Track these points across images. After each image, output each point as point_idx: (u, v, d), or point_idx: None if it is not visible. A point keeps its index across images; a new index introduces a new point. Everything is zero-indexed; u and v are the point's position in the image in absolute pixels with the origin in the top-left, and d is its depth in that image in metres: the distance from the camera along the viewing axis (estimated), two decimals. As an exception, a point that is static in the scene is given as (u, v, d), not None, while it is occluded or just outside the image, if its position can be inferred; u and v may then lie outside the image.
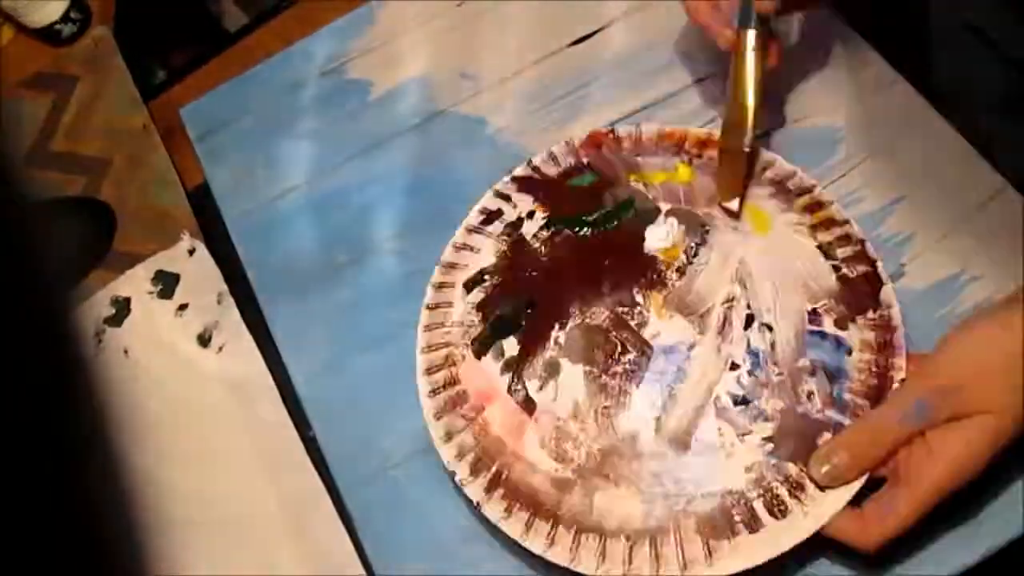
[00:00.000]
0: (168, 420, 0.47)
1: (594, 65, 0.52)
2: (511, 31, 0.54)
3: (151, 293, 0.51)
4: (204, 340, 0.49)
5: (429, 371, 0.43)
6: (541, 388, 0.41)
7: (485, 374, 0.42)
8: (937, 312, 0.42)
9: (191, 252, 0.51)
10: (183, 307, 0.50)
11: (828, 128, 0.47)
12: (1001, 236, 0.43)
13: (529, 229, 0.46)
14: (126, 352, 0.49)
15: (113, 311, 0.51)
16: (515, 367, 0.42)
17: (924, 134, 0.46)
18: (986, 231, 0.43)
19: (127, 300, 0.51)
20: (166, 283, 0.51)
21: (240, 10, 0.66)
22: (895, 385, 0.38)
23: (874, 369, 0.39)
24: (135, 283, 0.51)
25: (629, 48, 0.52)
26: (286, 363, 0.48)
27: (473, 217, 0.46)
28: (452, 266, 0.45)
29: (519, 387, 0.42)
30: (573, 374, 0.41)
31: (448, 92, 0.53)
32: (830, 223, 0.43)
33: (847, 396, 0.39)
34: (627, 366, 0.41)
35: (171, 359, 0.49)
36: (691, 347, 0.41)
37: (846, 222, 0.42)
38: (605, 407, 0.40)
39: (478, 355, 0.43)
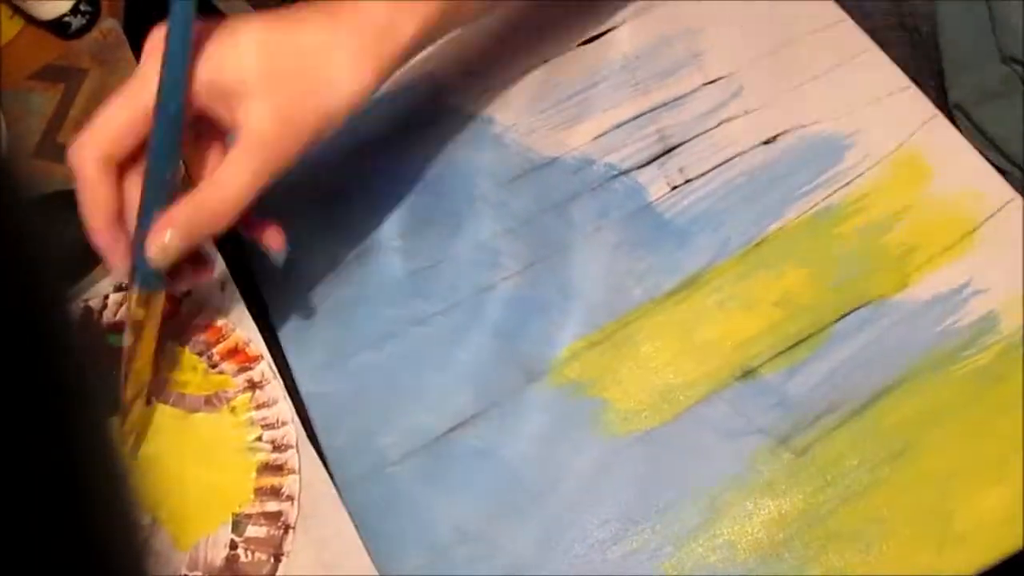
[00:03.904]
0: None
1: (603, 66, 0.52)
2: (518, 29, 0.54)
3: None
4: None
5: None
6: None
7: None
8: (939, 326, 0.42)
9: None
10: (187, 294, 0.50)
11: (836, 134, 0.47)
12: (1008, 248, 0.43)
13: None
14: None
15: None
16: None
17: (934, 143, 0.46)
18: (993, 243, 0.43)
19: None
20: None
21: (248, 5, 0.66)
22: None
23: None
24: None
25: (639, 49, 0.52)
26: (287, 358, 0.48)
27: None
28: None
29: None
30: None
31: (455, 89, 0.53)
32: None
33: None
34: None
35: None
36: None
37: None
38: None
39: None
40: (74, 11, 0.57)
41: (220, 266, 0.50)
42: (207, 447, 0.47)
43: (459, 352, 0.46)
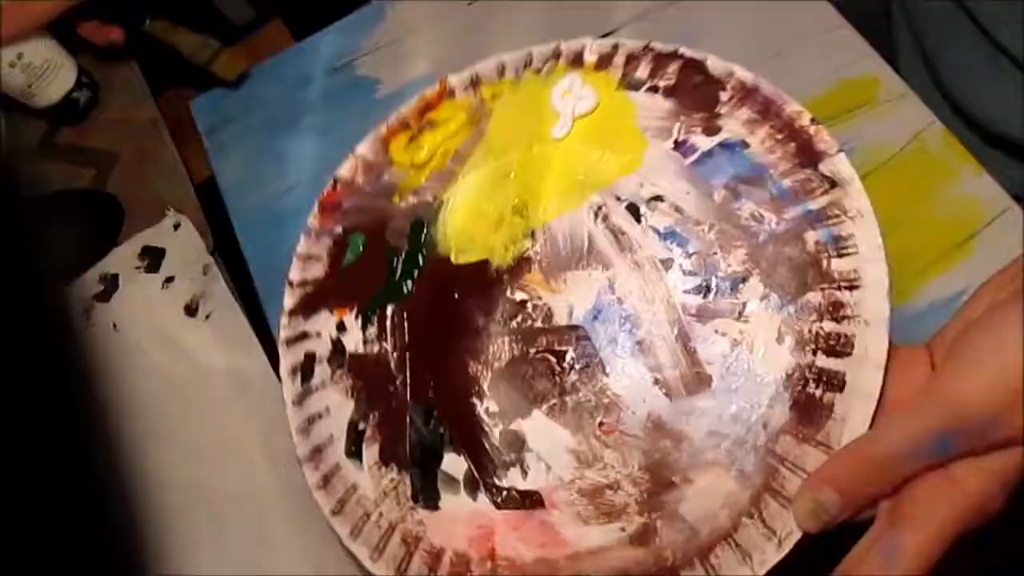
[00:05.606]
0: (156, 393, 0.48)
1: (601, 70, 0.52)
2: (520, 33, 0.54)
3: (138, 268, 0.52)
4: (191, 310, 0.50)
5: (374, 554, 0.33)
6: (526, 473, 0.34)
7: (453, 519, 0.33)
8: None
9: (176, 227, 0.52)
10: (169, 279, 0.51)
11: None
12: (1005, 256, 0.43)
13: (352, 342, 0.38)
14: (114, 326, 0.50)
15: (101, 287, 0.51)
16: (478, 480, 0.34)
17: (932, 150, 0.46)
18: (990, 251, 0.43)
19: (115, 276, 0.52)
20: (152, 258, 0.52)
21: (248, 5, 0.66)
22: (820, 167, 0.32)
23: (778, 137, 0.34)
24: (122, 259, 0.52)
25: (637, 53, 0.52)
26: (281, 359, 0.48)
27: (291, 389, 0.37)
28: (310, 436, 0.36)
29: (504, 492, 0.34)
30: (539, 427, 0.35)
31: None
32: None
33: (785, 183, 0.33)
34: (577, 365, 0.35)
35: (159, 329, 0.50)
36: (612, 288, 0.36)
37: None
38: (601, 423, 0.35)
39: (432, 507, 0.34)
40: (79, 84, 0.57)
41: (201, 249, 0.51)
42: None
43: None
